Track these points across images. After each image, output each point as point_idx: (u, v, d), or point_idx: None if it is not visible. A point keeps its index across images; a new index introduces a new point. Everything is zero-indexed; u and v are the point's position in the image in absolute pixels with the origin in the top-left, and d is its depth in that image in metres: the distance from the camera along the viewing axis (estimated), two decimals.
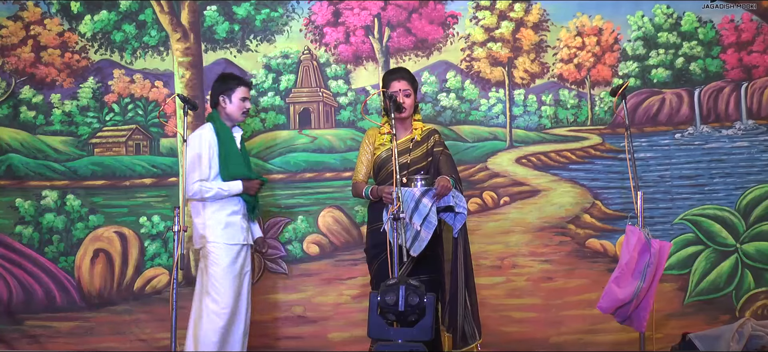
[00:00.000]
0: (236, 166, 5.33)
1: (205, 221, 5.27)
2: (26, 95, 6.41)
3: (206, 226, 5.25)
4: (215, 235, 5.23)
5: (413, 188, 4.87)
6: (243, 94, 5.39)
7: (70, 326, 6.31)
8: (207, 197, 5.23)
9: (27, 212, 6.36)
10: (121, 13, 6.48)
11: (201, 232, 5.29)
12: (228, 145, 5.33)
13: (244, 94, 5.39)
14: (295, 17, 6.53)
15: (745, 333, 5.71)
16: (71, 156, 6.42)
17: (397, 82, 5.18)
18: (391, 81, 5.19)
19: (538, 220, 6.49)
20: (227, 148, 5.31)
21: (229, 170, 5.29)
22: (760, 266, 6.42)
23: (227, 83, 5.41)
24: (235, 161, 5.34)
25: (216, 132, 5.32)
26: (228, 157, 5.30)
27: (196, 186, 5.19)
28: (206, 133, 5.31)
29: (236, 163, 5.34)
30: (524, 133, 6.55)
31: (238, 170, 5.33)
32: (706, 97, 6.56)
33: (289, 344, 6.32)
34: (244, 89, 5.41)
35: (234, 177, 5.29)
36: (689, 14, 6.57)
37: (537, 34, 6.59)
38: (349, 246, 6.41)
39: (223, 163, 5.29)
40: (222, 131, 5.33)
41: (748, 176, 6.48)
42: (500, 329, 6.33)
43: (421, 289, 4.19)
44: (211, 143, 5.28)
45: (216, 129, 5.33)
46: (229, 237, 5.25)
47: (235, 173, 5.30)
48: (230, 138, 5.36)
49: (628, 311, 4.66)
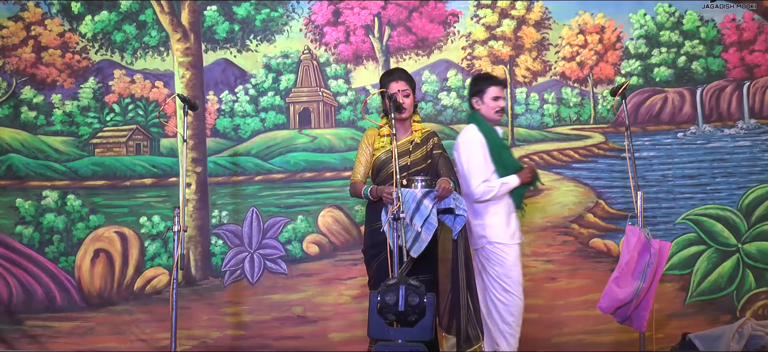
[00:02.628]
0: (510, 160, 5.35)
1: (485, 222, 5.26)
2: (27, 96, 6.41)
3: (485, 226, 5.25)
4: (497, 235, 5.23)
5: (414, 189, 4.86)
6: (495, 93, 5.33)
7: (71, 326, 6.31)
8: (492, 197, 5.22)
9: (27, 212, 6.36)
10: (121, 14, 6.48)
11: (481, 233, 5.28)
12: (495, 142, 5.31)
13: (495, 94, 5.33)
14: (295, 17, 6.52)
15: (745, 333, 5.69)
16: (72, 156, 6.42)
17: (395, 82, 5.16)
18: (390, 82, 5.17)
19: (541, 219, 6.47)
20: (497, 146, 5.30)
21: (504, 166, 5.28)
22: (762, 266, 6.40)
23: (478, 85, 5.41)
24: (507, 155, 5.36)
25: (482, 132, 5.30)
26: (500, 154, 5.30)
27: (481, 188, 5.20)
28: (475, 135, 5.31)
29: (508, 157, 5.36)
30: (526, 132, 6.53)
31: (512, 164, 5.33)
32: (709, 96, 6.54)
33: (288, 344, 6.31)
34: (495, 89, 5.34)
35: (509, 172, 5.28)
36: (691, 13, 6.55)
37: (539, 32, 6.58)
38: (349, 246, 6.40)
39: (496, 160, 5.28)
40: (488, 131, 5.31)
41: (750, 176, 6.46)
42: None
43: (421, 289, 4.17)
44: (483, 143, 5.28)
45: (481, 129, 5.31)
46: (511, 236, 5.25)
47: (511, 167, 5.29)
48: (495, 135, 5.34)
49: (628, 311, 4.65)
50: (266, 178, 6.45)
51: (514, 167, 5.29)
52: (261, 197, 6.44)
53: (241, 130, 6.47)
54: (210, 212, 6.43)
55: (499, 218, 5.25)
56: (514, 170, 5.27)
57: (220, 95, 6.47)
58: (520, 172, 5.27)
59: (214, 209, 6.43)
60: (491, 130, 5.33)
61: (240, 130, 6.47)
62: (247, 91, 6.48)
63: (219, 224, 6.43)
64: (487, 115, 5.34)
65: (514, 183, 5.24)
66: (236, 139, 6.47)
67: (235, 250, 6.41)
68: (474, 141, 5.28)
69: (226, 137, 6.47)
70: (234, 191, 6.44)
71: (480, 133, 5.29)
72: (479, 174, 5.21)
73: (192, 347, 6.28)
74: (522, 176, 5.26)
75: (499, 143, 5.33)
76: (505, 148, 5.38)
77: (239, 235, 6.42)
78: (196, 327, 6.30)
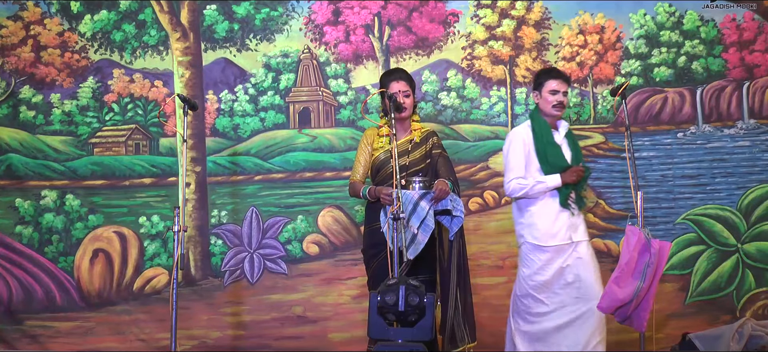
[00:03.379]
0: (556, 158, 5.16)
1: (524, 221, 5.22)
2: (26, 95, 6.41)
3: (524, 225, 5.21)
4: (533, 235, 5.16)
5: (411, 191, 4.84)
6: (552, 86, 5.18)
7: (70, 326, 6.31)
8: (523, 195, 5.15)
9: (27, 212, 6.35)
10: (120, 13, 6.48)
11: (520, 231, 5.25)
12: (544, 139, 5.18)
13: (553, 87, 5.17)
14: (295, 16, 6.52)
15: (745, 333, 5.69)
16: (71, 156, 6.42)
17: (396, 82, 5.13)
18: (390, 82, 5.15)
19: None
20: (543, 143, 5.18)
21: (548, 164, 5.15)
22: (761, 266, 6.40)
23: (538, 78, 5.30)
24: (554, 153, 5.17)
25: (532, 128, 5.23)
26: (545, 151, 5.17)
27: (512, 184, 5.16)
28: (520, 130, 5.26)
29: (556, 156, 5.17)
30: None
31: (558, 163, 5.15)
32: (708, 96, 6.54)
33: (288, 344, 6.30)
34: (553, 82, 5.19)
35: (553, 171, 5.14)
36: (691, 13, 6.55)
37: (539, 33, 6.58)
38: (349, 246, 6.40)
39: (542, 157, 5.17)
40: (539, 127, 5.21)
41: (750, 176, 6.46)
42: (501, 329, 6.25)
43: (421, 289, 4.17)
44: (524, 140, 5.20)
45: (532, 125, 5.24)
46: (551, 237, 5.14)
47: (556, 166, 5.14)
48: (546, 132, 5.20)
49: (628, 311, 4.64)
50: (266, 177, 6.44)
51: (558, 166, 5.13)
52: (261, 196, 6.43)
53: (240, 129, 6.47)
54: (209, 211, 6.42)
55: (539, 218, 5.15)
56: (559, 170, 5.13)
57: (220, 95, 6.47)
58: (563, 173, 5.11)
59: (214, 209, 6.43)
60: (544, 125, 5.20)
61: (239, 130, 6.47)
62: (246, 90, 6.48)
63: (218, 223, 6.42)
64: (544, 109, 5.22)
65: (552, 183, 5.11)
66: (236, 138, 6.47)
67: (235, 250, 6.41)
68: (515, 137, 5.23)
69: (225, 137, 6.47)
70: (233, 191, 6.44)
71: (527, 129, 5.22)
72: (513, 171, 5.17)
73: (192, 347, 6.27)
74: (565, 177, 5.10)
75: (548, 140, 5.17)
76: (553, 146, 5.18)
77: (239, 235, 6.42)
78: (196, 327, 6.30)
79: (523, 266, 5.18)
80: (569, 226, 5.15)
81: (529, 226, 5.17)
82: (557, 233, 5.13)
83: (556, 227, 5.14)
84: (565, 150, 5.23)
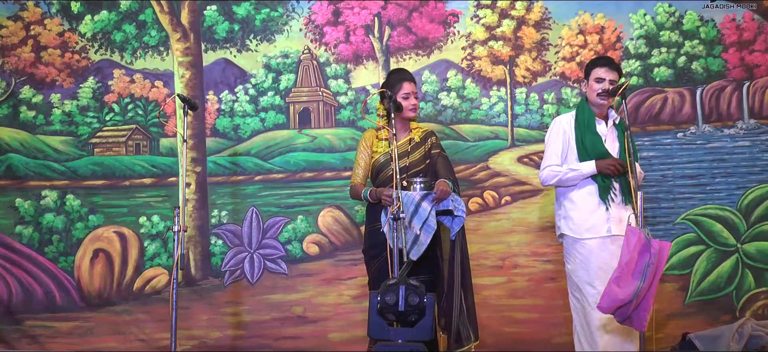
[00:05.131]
0: (594, 146, 5.08)
1: (561, 213, 5.23)
2: (26, 95, 6.41)
3: (561, 217, 5.22)
4: (570, 228, 5.14)
5: (413, 192, 4.85)
6: (598, 74, 5.11)
7: (70, 326, 6.31)
8: (557, 182, 5.15)
9: (27, 212, 6.36)
10: (121, 13, 6.49)
11: (558, 223, 5.25)
12: (584, 127, 5.14)
13: (599, 75, 5.10)
14: (295, 17, 6.52)
15: (745, 333, 5.69)
16: (71, 156, 6.42)
17: (408, 83, 5.11)
18: (403, 82, 5.11)
19: (540, 219, 6.47)
20: (582, 130, 5.13)
21: (586, 152, 5.09)
22: (761, 266, 6.40)
23: (587, 67, 5.25)
24: (592, 142, 5.09)
25: (575, 116, 5.20)
26: (583, 139, 5.12)
27: (545, 172, 5.18)
28: (563, 118, 5.26)
29: (593, 143, 5.09)
30: (526, 132, 6.52)
31: (595, 151, 5.07)
32: (708, 96, 6.54)
33: (288, 344, 6.31)
34: (599, 70, 5.11)
35: (589, 158, 5.08)
36: (691, 13, 6.55)
37: (538, 33, 6.58)
38: (349, 246, 6.40)
39: (580, 146, 5.13)
40: (581, 115, 5.17)
41: (750, 176, 6.46)
42: (502, 329, 6.32)
43: (421, 289, 4.17)
44: (565, 129, 5.19)
45: (576, 113, 5.21)
46: (587, 230, 5.08)
47: (593, 154, 5.07)
48: (589, 120, 5.14)
49: (628, 310, 4.63)
50: (266, 178, 6.45)
51: (595, 153, 5.06)
52: (261, 196, 6.44)
53: (240, 130, 6.47)
54: (210, 211, 6.43)
55: (576, 210, 5.11)
56: (596, 157, 5.06)
57: (220, 95, 6.47)
58: (599, 161, 5.02)
59: (214, 209, 6.43)
60: (588, 113, 5.14)
61: (240, 130, 6.47)
62: (246, 90, 6.48)
63: (219, 223, 6.43)
64: (590, 97, 5.17)
65: (586, 170, 5.03)
66: (236, 139, 6.47)
67: (235, 250, 6.41)
68: (556, 125, 5.24)
69: (225, 137, 6.47)
70: (234, 191, 6.44)
71: (570, 118, 5.21)
72: (548, 158, 5.18)
73: (192, 347, 6.28)
74: (600, 165, 5.01)
75: (588, 128, 5.11)
76: (593, 134, 5.10)
77: (239, 235, 6.42)
78: (196, 327, 6.30)
79: (567, 262, 5.18)
80: (609, 219, 5.05)
81: (566, 217, 5.16)
82: (594, 226, 5.06)
83: (593, 220, 5.07)
84: (612, 142, 5.14)
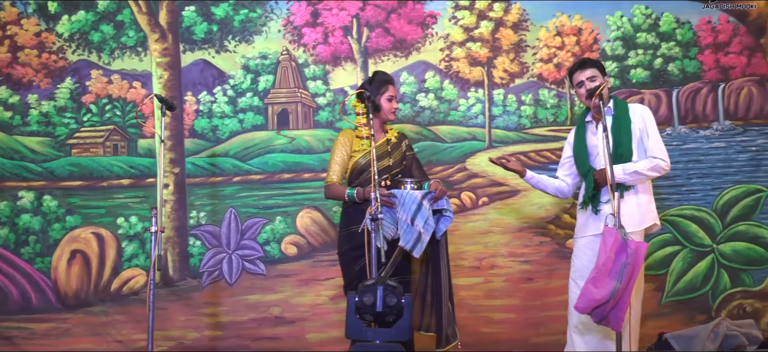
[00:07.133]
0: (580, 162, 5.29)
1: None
2: (2, 96, 6.38)
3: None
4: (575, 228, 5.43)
5: (414, 191, 4.90)
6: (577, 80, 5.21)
7: (46, 327, 6.28)
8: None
9: (3, 213, 6.32)
10: (98, 14, 6.46)
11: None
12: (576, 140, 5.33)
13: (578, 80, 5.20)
14: (274, 18, 6.52)
15: (721, 333, 5.73)
16: (48, 157, 6.39)
17: (393, 87, 5.21)
18: (389, 85, 5.19)
19: (518, 220, 6.50)
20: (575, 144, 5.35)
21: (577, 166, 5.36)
22: (736, 266, 6.44)
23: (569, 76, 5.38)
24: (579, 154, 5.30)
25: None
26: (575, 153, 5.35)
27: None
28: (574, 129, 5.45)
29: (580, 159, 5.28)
30: (503, 134, 6.55)
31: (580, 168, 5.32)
32: (684, 97, 6.59)
33: (266, 344, 6.30)
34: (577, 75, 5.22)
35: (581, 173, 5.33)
36: (667, 15, 6.60)
37: (516, 34, 6.60)
38: (327, 247, 6.40)
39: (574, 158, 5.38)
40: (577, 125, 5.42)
41: (725, 177, 6.50)
42: (479, 330, 6.34)
43: (399, 290, 4.19)
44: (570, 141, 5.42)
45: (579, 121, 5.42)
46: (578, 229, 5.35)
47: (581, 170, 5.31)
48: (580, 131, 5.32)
49: (604, 311, 4.66)
50: (244, 179, 6.44)
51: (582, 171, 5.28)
52: (239, 198, 6.43)
53: (219, 131, 6.46)
54: (188, 212, 6.41)
55: (579, 211, 5.31)
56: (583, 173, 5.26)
57: (198, 96, 6.46)
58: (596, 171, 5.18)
59: (192, 210, 6.41)
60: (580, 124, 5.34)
61: (218, 131, 6.46)
62: (225, 91, 6.47)
63: (197, 224, 6.41)
64: (584, 104, 5.33)
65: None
66: (214, 140, 6.46)
67: (213, 251, 6.40)
68: (569, 135, 5.47)
69: (204, 138, 6.46)
70: (212, 192, 6.43)
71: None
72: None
73: (169, 348, 6.26)
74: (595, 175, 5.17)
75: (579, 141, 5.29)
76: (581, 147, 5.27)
77: (217, 236, 6.41)
78: (174, 328, 6.28)
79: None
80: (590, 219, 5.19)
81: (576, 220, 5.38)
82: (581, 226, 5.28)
83: (582, 220, 5.28)
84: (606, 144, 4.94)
